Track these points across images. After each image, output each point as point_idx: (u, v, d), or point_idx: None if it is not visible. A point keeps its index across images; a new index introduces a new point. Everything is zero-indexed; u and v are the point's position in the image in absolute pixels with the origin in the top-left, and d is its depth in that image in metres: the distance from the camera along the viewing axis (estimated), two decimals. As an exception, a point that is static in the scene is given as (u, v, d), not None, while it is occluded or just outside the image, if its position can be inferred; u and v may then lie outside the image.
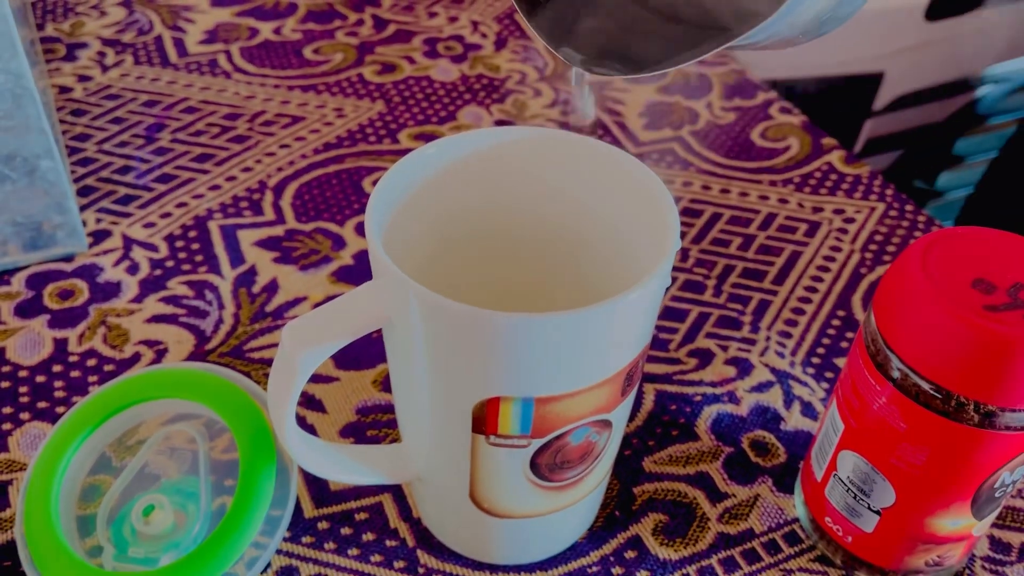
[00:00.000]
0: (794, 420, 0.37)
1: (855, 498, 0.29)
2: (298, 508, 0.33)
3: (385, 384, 0.37)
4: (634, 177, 0.28)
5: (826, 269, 0.43)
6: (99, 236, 0.43)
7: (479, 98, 0.53)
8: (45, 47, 0.56)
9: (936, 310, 0.25)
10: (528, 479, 0.28)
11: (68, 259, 0.42)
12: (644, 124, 0.52)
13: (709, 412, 0.37)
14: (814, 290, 0.42)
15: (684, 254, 0.44)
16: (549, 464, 0.27)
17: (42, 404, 0.36)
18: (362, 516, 0.33)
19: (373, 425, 0.36)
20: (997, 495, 0.28)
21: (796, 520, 0.33)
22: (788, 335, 0.40)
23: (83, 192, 0.46)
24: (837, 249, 0.45)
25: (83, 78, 0.53)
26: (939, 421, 0.26)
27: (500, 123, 0.51)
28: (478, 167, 0.29)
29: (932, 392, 0.25)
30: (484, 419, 0.26)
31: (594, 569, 0.32)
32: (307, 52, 0.56)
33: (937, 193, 0.87)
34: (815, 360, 0.39)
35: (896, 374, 0.26)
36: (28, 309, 0.40)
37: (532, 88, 0.54)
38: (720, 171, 0.49)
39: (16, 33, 0.37)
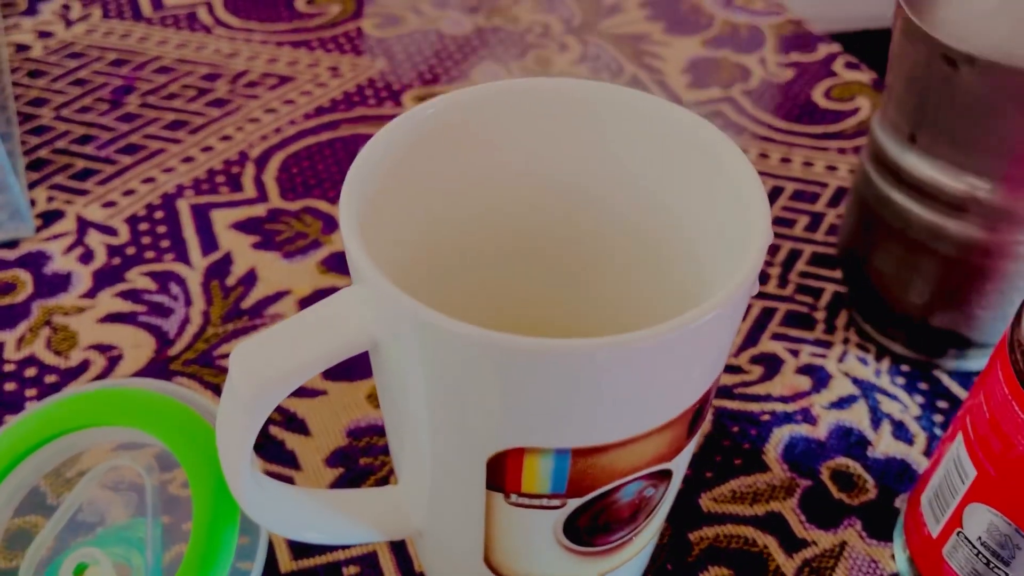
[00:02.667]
0: (884, 444, 0.30)
1: (988, 564, 0.22)
2: (271, 560, 0.27)
3: (383, 399, 0.31)
4: (705, 149, 0.21)
5: (911, 254, 0.36)
6: (49, 218, 0.37)
7: (496, 54, 0.46)
8: (3, 1, 0.49)
9: None
10: (561, 544, 0.21)
11: (11, 245, 0.36)
12: (688, 82, 0.45)
13: (779, 435, 0.30)
14: (898, 280, 0.35)
15: (740, 236, 0.37)
16: (590, 527, 0.21)
17: (-32, 425, 0.30)
18: (352, 570, 0.27)
19: (367, 451, 0.29)
20: None
21: (895, 577, 0.27)
22: (870, 337, 0.33)
23: (34, 166, 0.39)
24: (923, 230, 0.37)
25: (44, 34, 0.47)
26: None
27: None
28: (491, 136, 0.22)
29: (1117, 439, 0.19)
30: (503, 474, 0.19)
31: (642, 641, 0.25)
32: (299, 3, 0.49)
33: None
34: (904, 368, 0.32)
35: (1062, 412, 0.19)
36: (-40, 306, 0.33)
37: (557, 42, 0.47)
38: (779, 137, 0.42)
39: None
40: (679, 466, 0.21)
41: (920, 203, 0.28)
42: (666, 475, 0.21)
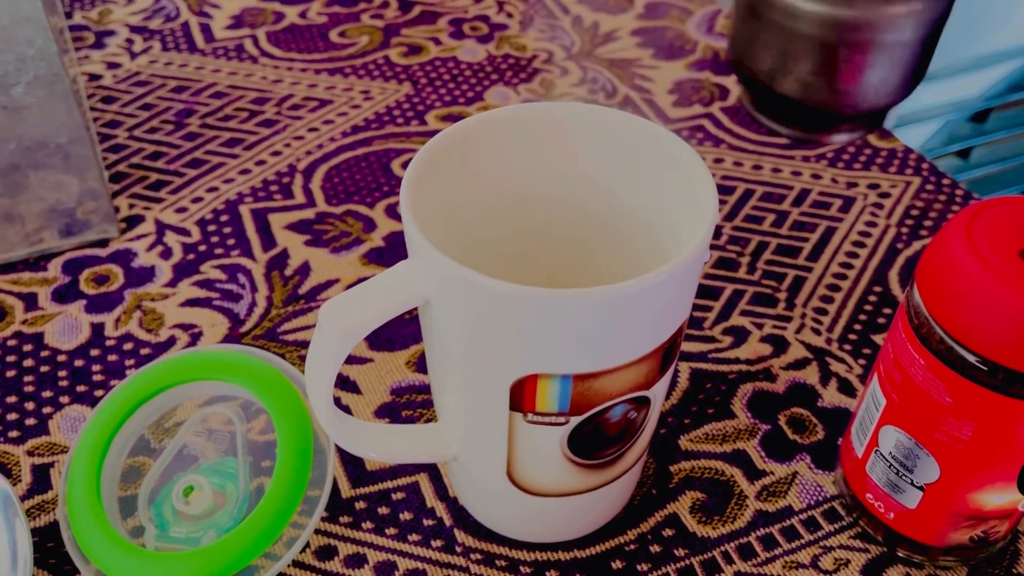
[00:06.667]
0: (831, 397, 0.36)
1: (897, 474, 0.29)
2: (335, 488, 0.33)
3: (418, 365, 0.37)
4: (669, 149, 0.28)
5: (862, 245, 0.43)
6: (132, 222, 0.44)
7: (506, 78, 0.53)
8: (74, 35, 0.56)
9: (981, 280, 0.24)
10: (566, 457, 0.28)
11: (102, 244, 0.42)
12: (673, 101, 0.51)
13: (745, 390, 0.36)
14: (849, 266, 0.42)
15: (717, 231, 0.43)
16: (587, 442, 0.27)
17: (81, 388, 0.37)
18: (399, 496, 0.33)
19: (408, 405, 0.36)
20: (1044, 469, 0.27)
21: (835, 497, 0.33)
22: (824, 312, 0.40)
23: (115, 178, 0.46)
24: (872, 224, 0.44)
25: (112, 65, 0.54)
26: (985, 394, 0.25)
27: (528, 103, 0.51)
28: (513, 144, 0.29)
29: (978, 364, 0.25)
30: (522, 397, 0.26)
31: (632, 547, 0.32)
32: (333, 35, 0.56)
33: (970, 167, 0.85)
34: (851, 337, 0.39)
35: (940, 346, 0.26)
36: (65, 294, 0.40)
37: (559, 67, 0.54)
38: (751, 147, 0.48)
39: (46, 19, 0.37)
40: (656, 395, 0.28)
41: None
42: (645, 402, 0.27)
